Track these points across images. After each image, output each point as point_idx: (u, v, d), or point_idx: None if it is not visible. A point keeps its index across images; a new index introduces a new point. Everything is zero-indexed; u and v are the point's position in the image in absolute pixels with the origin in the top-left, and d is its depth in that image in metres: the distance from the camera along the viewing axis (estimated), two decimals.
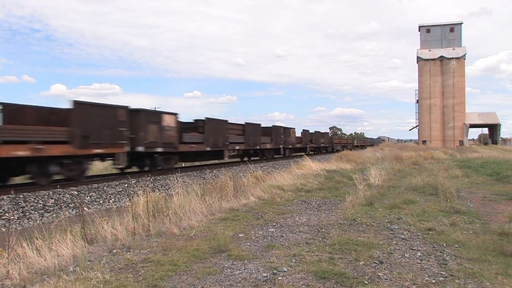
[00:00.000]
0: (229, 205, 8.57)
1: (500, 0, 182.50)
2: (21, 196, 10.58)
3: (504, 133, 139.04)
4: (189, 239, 5.69)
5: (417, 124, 68.24)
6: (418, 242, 5.56)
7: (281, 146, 30.72)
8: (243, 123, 25.28)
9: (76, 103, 13.02)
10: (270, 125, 29.82)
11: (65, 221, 6.58)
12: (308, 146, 38.48)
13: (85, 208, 10.44)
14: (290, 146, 32.96)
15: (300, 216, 7.53)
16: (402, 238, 5.76)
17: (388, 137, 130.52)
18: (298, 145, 35.61)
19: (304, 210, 8.19)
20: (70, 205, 10.84)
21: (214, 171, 19.27)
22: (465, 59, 63.51)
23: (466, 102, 63.73)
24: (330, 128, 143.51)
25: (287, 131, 32.51)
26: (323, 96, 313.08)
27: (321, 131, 44.79)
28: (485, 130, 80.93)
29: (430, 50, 64.62)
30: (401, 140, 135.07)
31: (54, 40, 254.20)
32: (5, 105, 12.32)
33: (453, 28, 65.10)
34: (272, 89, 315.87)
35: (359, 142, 77.91)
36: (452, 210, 7.77)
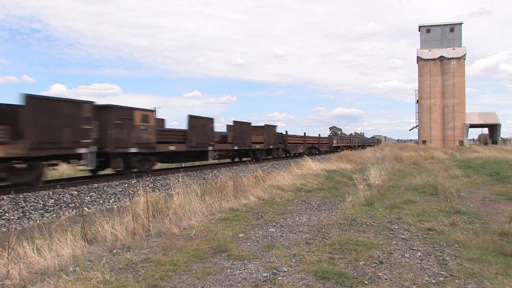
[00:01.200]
0: (229, 205, 8.57)
1: (500, 0, 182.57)
2: (21, 196, 10.57)
3: (504, 133, 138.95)
4: (189, 239, 5.69)
5: (417, 124, 68.25)
6: (418, 242, 5.56)
7: (85, 150, 12.95)
8: None
9: None
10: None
11: (65, 221, 6.58)
12: (211, 148, 20.81)
13: (85, 208, 10.43)
14: (135, 150, 15.35)
15: (300, 216, 7.53)
16: (402, 238, 5.76)
17: (385, 137, 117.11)
18: (172, 148, 17.77)
19: (304, 210, 8.18)
20: (70, 205, 10.84)
21: (214, 171, 19.30)
22: (465, 59, 63.54)
23: (466, 102, 63.85)
24: (330, 128, 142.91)
25: (127, 113, 14.88)
26: (323, 96, 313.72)
27: (254, 124, 26.03)
28: (485, 130, 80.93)
29: (430, 50, 64.63)
30: (401, 140, 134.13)
31: (54, 40, 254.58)
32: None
33: (453, 28, 65.10)
34: (272, 89, 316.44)
35: (342, 142, 54.55)
36: (452, 210, 7.77)
